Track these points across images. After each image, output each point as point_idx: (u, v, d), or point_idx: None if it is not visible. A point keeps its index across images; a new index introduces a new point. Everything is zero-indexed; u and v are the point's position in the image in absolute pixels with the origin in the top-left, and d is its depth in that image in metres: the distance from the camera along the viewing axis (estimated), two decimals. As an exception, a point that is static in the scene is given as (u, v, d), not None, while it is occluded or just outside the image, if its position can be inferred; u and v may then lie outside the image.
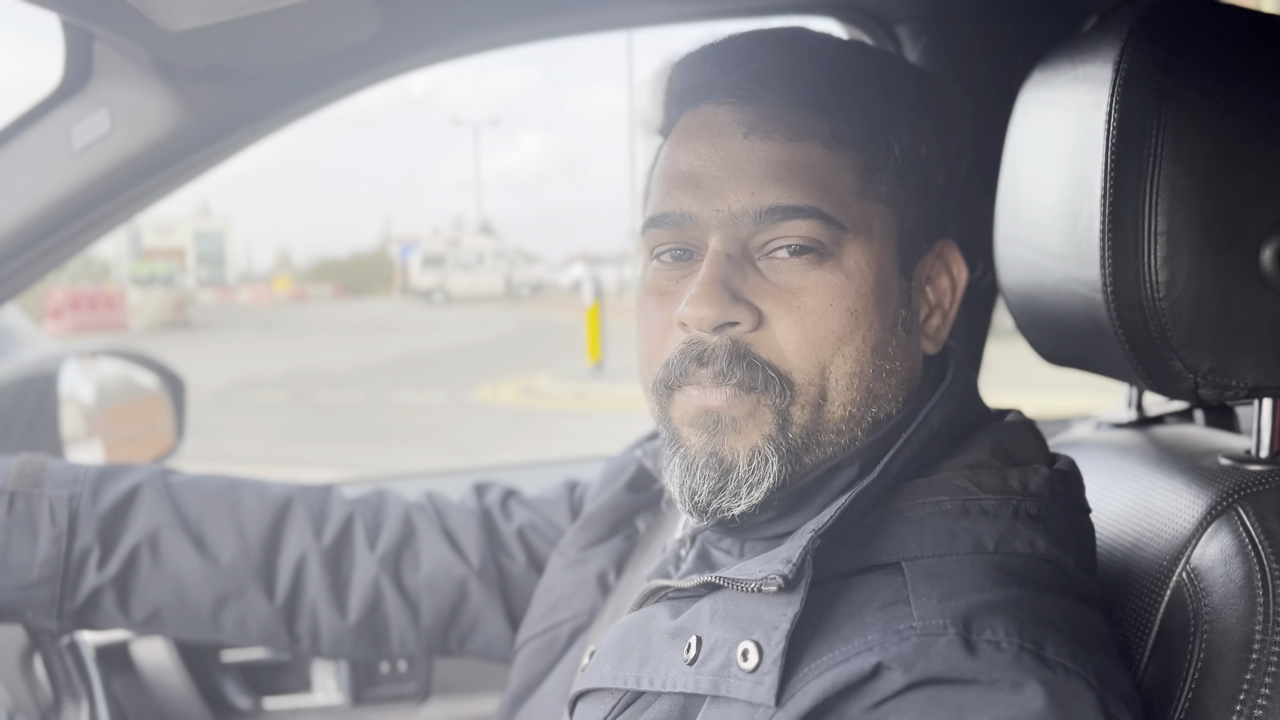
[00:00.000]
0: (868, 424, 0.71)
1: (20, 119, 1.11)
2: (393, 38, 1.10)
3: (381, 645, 1.06)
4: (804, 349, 0.69)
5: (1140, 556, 0.76)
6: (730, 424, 0.70)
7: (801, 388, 0.69)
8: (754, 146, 0.70)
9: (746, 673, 0.62)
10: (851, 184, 0.70)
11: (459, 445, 9.21)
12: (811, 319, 0.69)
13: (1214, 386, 0.72)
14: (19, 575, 0.96)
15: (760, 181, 0.69)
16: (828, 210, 0.69)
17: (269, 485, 1.06)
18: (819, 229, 0.69)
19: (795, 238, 0.69)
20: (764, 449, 0.69)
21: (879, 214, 0.71)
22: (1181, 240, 0.69)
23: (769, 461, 0.69)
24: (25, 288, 1.18)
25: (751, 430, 0.69)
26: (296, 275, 45.82)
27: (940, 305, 0.76)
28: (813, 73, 0.70)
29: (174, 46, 1.00)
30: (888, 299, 0.71)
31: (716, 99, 0.73)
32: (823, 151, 0.70)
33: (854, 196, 0.70)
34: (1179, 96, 0.69)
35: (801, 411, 0.69)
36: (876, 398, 0.71)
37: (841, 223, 0.69)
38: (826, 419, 0.70)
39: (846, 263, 0.69)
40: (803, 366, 0.69)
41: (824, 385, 0.69)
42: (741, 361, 0.69)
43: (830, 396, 0.69)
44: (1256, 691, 0.64)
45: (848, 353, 0.69)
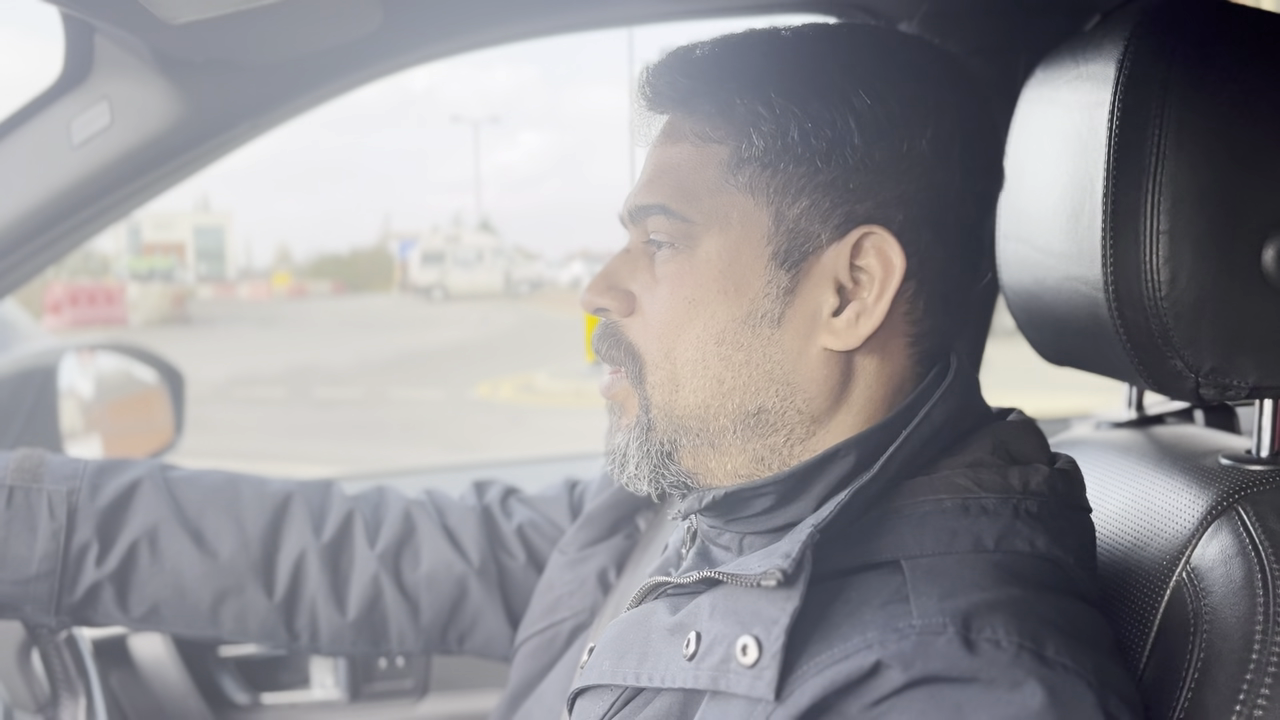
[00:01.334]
0: (734, 413, 0.71)
1: (20, 112, 1.10)
2: (394, 32, 1.10)
3: (381, 642, 1.06)
4: (652, 333, 0.74)
5: (1140, 556, 0.76)
6: (614, 406, 0.77)
7: (651, 367, 0.74)
8: (653, 152, 0.76)
9: (746, 668, 0.61)
10: (710, 179, 0.72)
11: (457, 442, 9.21)
12: (657, 306, 0.74)
13: (1215, 386, 0.72)
14: (17, 570, 0.96)
15: (641, 184, 0.76)
16: (673, 207, 0.72)
17: (268, 481, 1.06)
18: (666, 224, 0.73)
19: (655, 232, 0.74)
20: (631, 428, 0.75)
21: (739, 205, 0.71)
22: (1183, 239, 0.69)
23: (630, 440, 0.75)
24: (25, 281, 1.18)
25: (629, 411, 0.76)
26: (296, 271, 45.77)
27: (861, 298, 0.70)
28: (690, 78, 0.73)
29: (175, 40, 0.99)
30: (740, 290, 0.71)
31: (652, 106, 0.78)
32: (691, 151, 0.73)
33: (709, 191, 0.72)
34: (1182, 95, 0.69)
35: (656, 391, 0.74)
36: (733, 388, 0.71)
37: (687, 217, 0.72)
38: (682, 403, 0.73)
39: (698, 253, 0.72)
40: (650, 349, 0.74)
41: (673, 369, 0.73)
42: (607, 339, 0.76)
43: (681, 381, 0.73)
44: (1256, 691, 0.63)
45: (688, 339, 0.72)
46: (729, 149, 0.71)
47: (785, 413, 0.71)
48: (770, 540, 0.71)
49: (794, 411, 0.71)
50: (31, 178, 1.10)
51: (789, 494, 0.71)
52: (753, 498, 0.71)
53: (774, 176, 0.70)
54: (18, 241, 1.12)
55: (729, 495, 0.71)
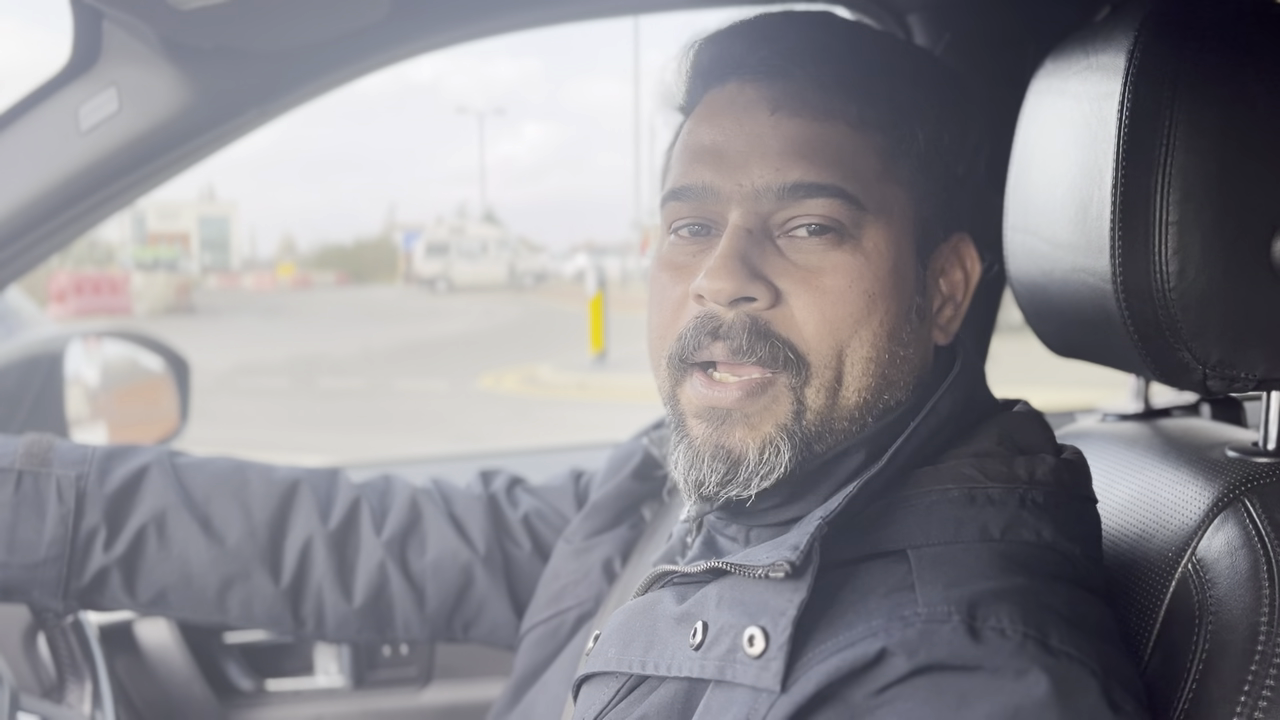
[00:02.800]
0: (878, 410, 0.71)
1: (28, 97, 1.11)
2: (401, 21, 1.10)
3: (386, 630, 1.06)
4: (821, 329, 0.68)
5: (1146, 548, 0.76)
6: (743, 418, 0.69)
7: (818, 369, 0.68)
8: (780, 123, 0.69)
9: (753, 658, 0.62)
10: (874, 166, 0.70)
11: (461, 433, 9.22)
12: (830, 299, 0.68)
13: (1222, 378, 0.72)
14: (26, 554, 0.96)
15: (785, 158, 0.69)
16: (850, 190, 0.68)
17: (276, 468, 1.06)
18: (840, 208, 0.68)
19: (816, 216, 0.68)
20: (777, 439, 0.68)
21: (899, 198, 0.71)
22: (1192, 231, 0.69)
23: (780, 452, 0.68)
24: (31, 268, 1.18)
25: (766, 422, 0.69)
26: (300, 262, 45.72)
27: (953, 297, 0.76)
28: (842, 53, 0.70)
29: (183, 26, 0.99)
30: (904, 284, 0.71)
31: (743, 76, 0.72)
32: (848, 132, 0.69)
33: (876, 178, 0.70)
34: (1192, 87, 0.69)
35: (817, 395, 0.69)
36: (890, 384, 0.71)
37: (863, 203, 0.69)
38: (841, 404, 0.69)
39: (866, 244, 0.69)
40: (819, 348, 0.68)
41: (840, 368, 0.69)
42: (762, 339, 0.68)
43: (845, 381, 0.69)
44: (1261, 683, 0.63)
45: (864, 336, 0.69)
46: (888, 138, 0.71)
47: (904, 404, 0.73)
48: (777, 532, 0.71)
49: (909, 409, 0.72)
50: (39, 163, 1.10)
51: (799, 491, 0.71)
52: (762, 497, 0.71)
53: (924, 174, 0.72)
54: (24, 228, 1.12)
55: (748, 500, 0.71)
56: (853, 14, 1.23)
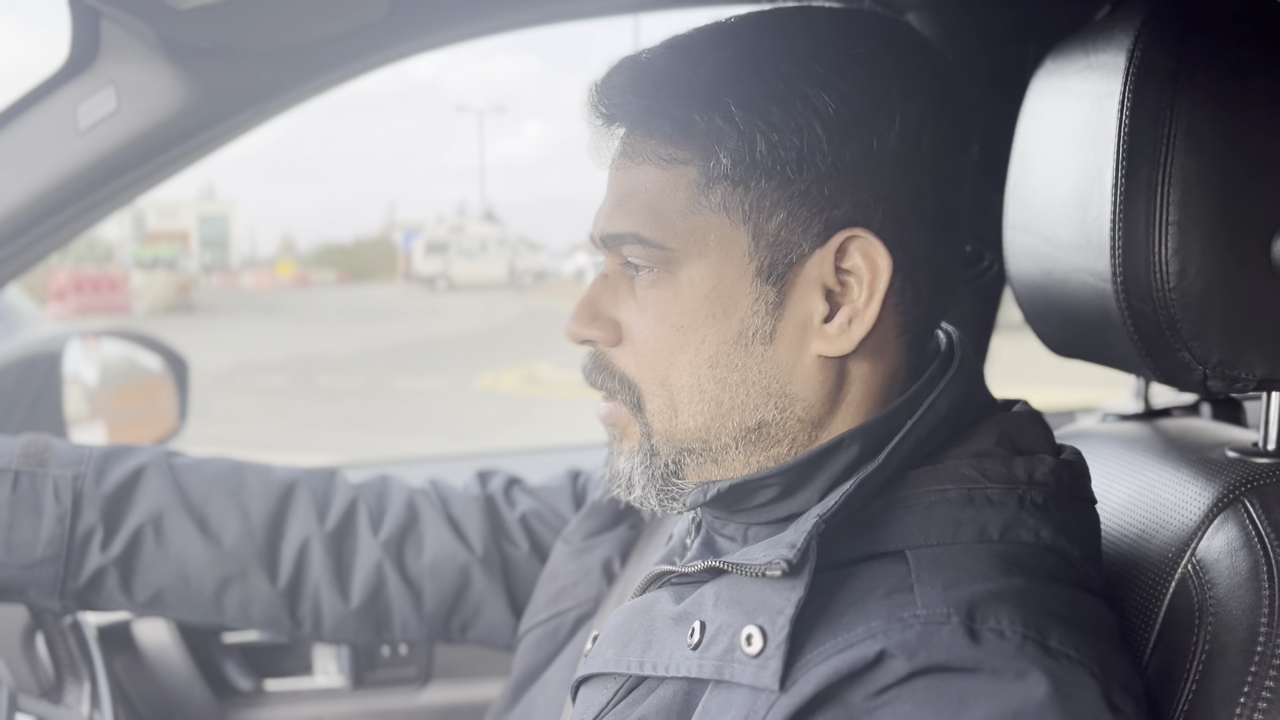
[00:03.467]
0: (735, 432, 0.71)
1: (26, 96, 1.10)
2: (401, 19, 1.10)
3: (384, 631, 1.06)
4: (644, 361, 0.73)
5: (1145, 548, 0.76)
6: (616, 432, 0.77)
7: (649, 396, 0.73)
8: (614, 174, 0.74)
9: (750, 657, 0.62)
10: (681, 201, 0.69)
11: (461, 432, 9.22)
12: (645, 335, 0.72)
13: (1223, 378, 0.72)
14: (23, 554, 0.96)
15: (606, 210, 0.74)
16: (647, 234, 0.70)
17: (273, 469, 1.06)
18: (642, 252, 0.71)
19: (632, 258, 0.72)
20: (634, 453, 0.75)
21: (715, 225, 0.69)
22: (1193, 231, 0.69)
23: (634, 466, 0.75)
24: (30, 266, 1.18)
25: (630, 435, 0.75)
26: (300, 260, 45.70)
27: (851, 302, 0.69)
28: (634, 99, 0.70)
29: (181, 25, 0.99)
30: (728, 311, 0.69)
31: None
32: (657, 173, 0.70)
33: (682, 214, 0.69)
34: (1193, 86, 0.69)
35: (655, 419, 0.73)
36: (731, 408, 0.71)
37: (662, 244, 0.70)
38: (682, 427, 0.72)
39: (680, 278, 0.70)
40: (645, 377, 0.73)
41: (670, 395, 0.72)
42: (602, 373, 0.76)
43: (679, 407, 0.72)
44: (1260, 684, 0.63)
45: (681, 366, 0.71)
46: (696, 169, 0.69)
47: (786, 424, 0.71)
48: (775, 530, 0.71)
49: (794, 421, 0.71)
50: (37, 163, 1.10)
51: (793, 485, 0.71)
52: (757, 489, 0.71)
53: (747, 193, 0.68)
54: (23, 227, 1.12)
55: (734, 487, 0.71)
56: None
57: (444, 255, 32.07)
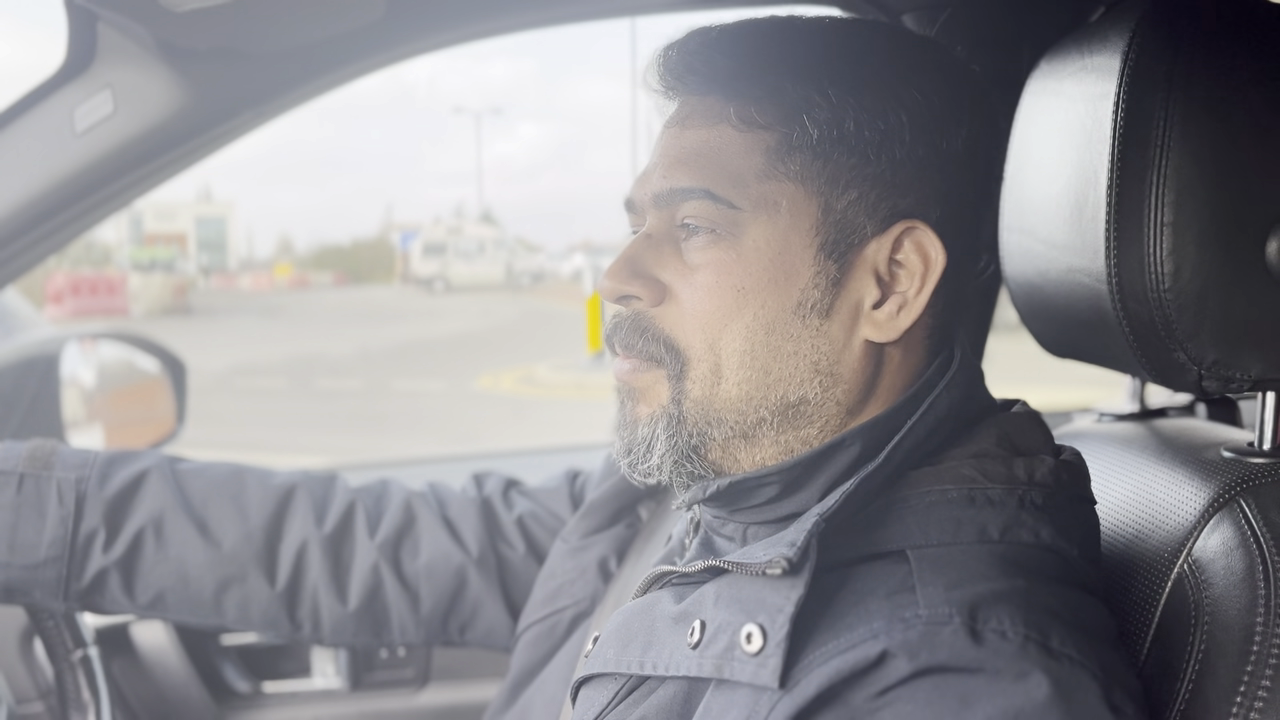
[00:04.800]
0: (774, 405, 0.71)
1: (23, 99, 1.10)
2: (396, 22, 1.10)
3: (382, 633, 1.06)
4: (693, 324, 0.72)
5: (1142, 548, 0.76)
6: (635, 393, 0.75)
7: (693, 362, 0.72)
8: (678, 135, 0.74)
9: (750, 656, 0.62)
10: (757, 165, 0.71)
11: (459, 433, 9.22)
12: (700, 294, 0.72)
13: (1217, 379, 0.72)
14: (27, 555, 0.97)
15: (670, 166, 0.73)
16: (718, 191, 0.71)
17: (274, 473, 1.07)
18: (709, 209, 0.71)
19: (692, 217, 0.72)
20: (657, 418, 0.73)
21: (788, 193, 0.71)
22: (1187, 232, 0.69)
23: (656, 431, 0.73)
24: (27, 269, 1.18)
25: (651, 400, 0.74)
26: (297, 262, 45.68)
27: (901, 291, 0.72)
28: (727, 60, 0.72)
29: (178, 28, 0.99)
30: (790, 279, 0.71)
31: (668, 94, 0.77)
32: (733, 135, 0.71)
33: (757, 177, 0.71)
34: (1187, 88, 0.69)
35: (695, 385, 0.72)
36: (778, 379, 0.71)
37: (733, 202, 0.71)
38: (722, 395, 0.72)
39: (744, 241, 0.71)
40: (693, 341, 0.72)
41: (716, 361, 0.72)
42: (640, 335, 0.73)
43: (724, 373, 0.72)
44: (1257, 683, 0.64)
45: (736, 329, 0.71)
46: (778, 135, 0.70)
47: (825, 404, 0.72)
48: (774, 530, 0.71)
49: (833, 403, 0.72)
50: (34, 166, 1.10)
51: (794, 484, 0.71)
52: (757, 487, 0.71)
53: (825, 166, 0.70)
54: (20, 230, 1.12)
55: (733, 485, 0.71)
56: (848, 14, 1.22)
57: (442, 256, 32.04)
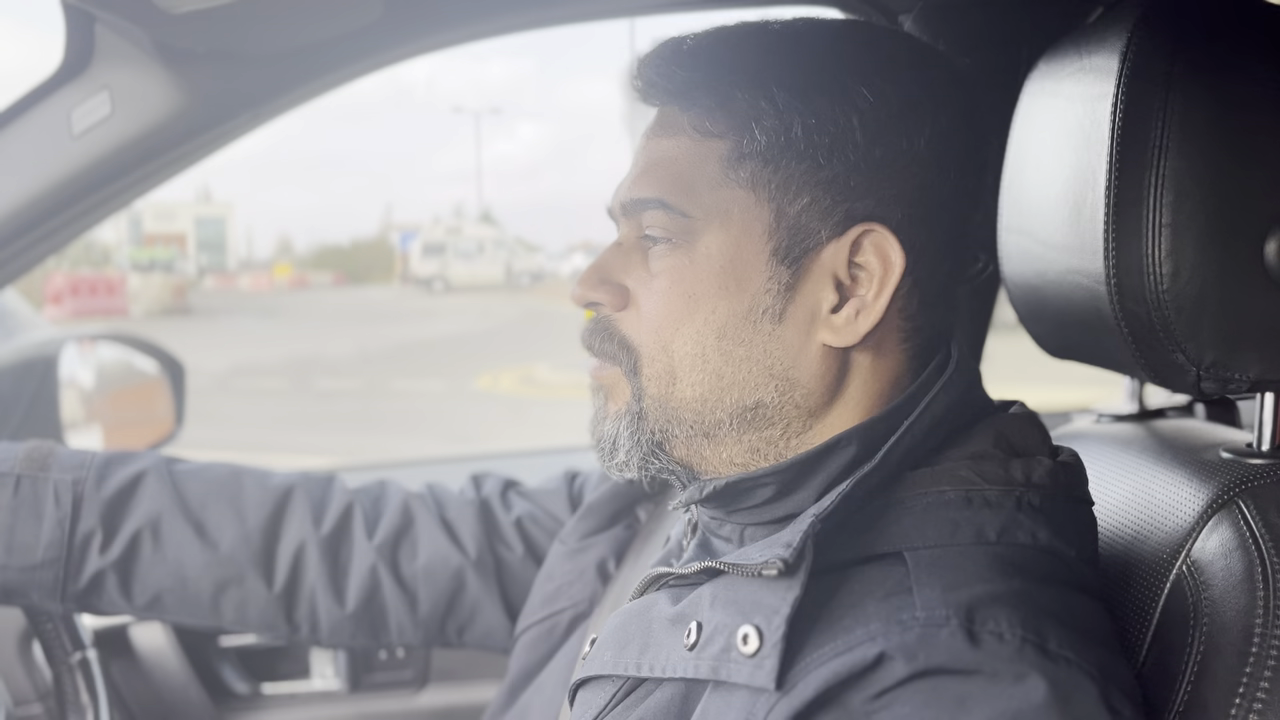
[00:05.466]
0: (732, 408, 0.72)
1: (20, 101, 1.10)
2: (394, 23, 1.10)
3: (381, 634, 1.06)
4: (648, 327, 0.74)
5: (1140, 549, 0.76)
6: (604, 390, 0.78)
7: (647, 361, 0.74)
8: (646, 144, 0.76)
9: (746, 657, 0.62)
10: (711, 174, 0.71)
11: (458, 433, 9.21)
12: (655, 300, 0.73)
13: (1216, 380, 0.72)
14: (23, 556, 0.97)
15: (634, 177, 0.75)
16: (671, 201, 0.72)
17: (272, 475, 1.07)
18: (664, 218, 0.72)
19: (651, 227, 0.74)
20: (621, 415, 0.75)
21: (740, 200, 0.71)
22: (1186, 233, 0.69)
23: (620, 428, 0.75)
24: (25, 271, 1.18)
25: (617, 398, 0.76)
26: (297, 262, 45.62)
27: (860, 295, 0.71)
28: (685, 70, 0.72)
29: (175, 29, 0.99)
30: (741, 285, 0.71)
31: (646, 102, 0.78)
32: (689, 144, 0.72)
33: (710, 185, 0.71)
34: (1185, 89, 0.69)
35: (650, 384, 0.74)
36: (732, 383, 0.72)
37: (686, 212, 0.72)
38: (679, 396, 0.73)
39: (697, 248, 0.72)
40: (647, 343, 0.74)
41: (670, 363, 0.73)
42: (604, 338, 0.76)
43: (678, 375, 0.73)
44: (1256, 685, 0.64)
45: (687, 333, 0.72)
46: (729, 143, 0.71)
47: (783, 407, 0.72)
48: (771, 531, 0.71)
49: (791, 406, 0.72)
50: (32, 167, 1.10)
51: (790, 484, 0.71)
52: (753, 488, 0.71)
53: (776, 173, 0.70)
54: (18, 231, 1.12)
55: (730, 485, 0.71)
56: (846, 15, 1.22)
57: (441, 257, 32.03)
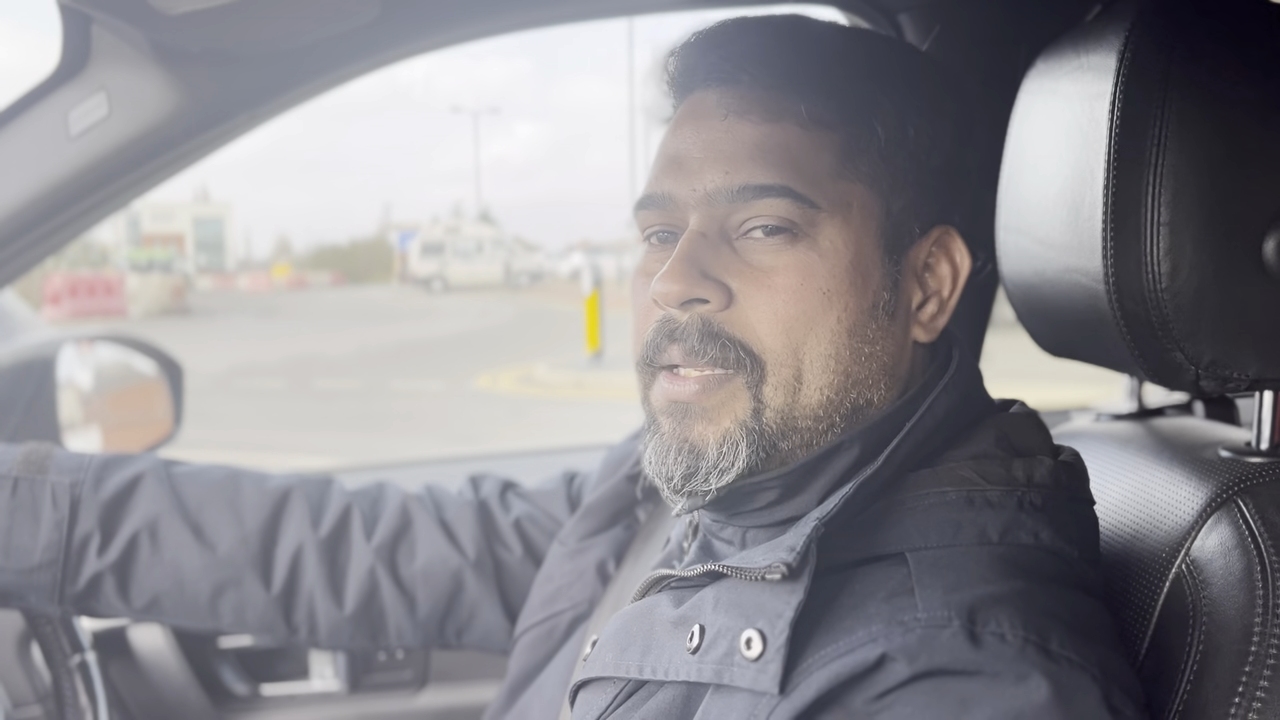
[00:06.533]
0: (847, 410, 0.70)
1: (18, 102, 1.10)
2: (392, 23, 1.10)
3: (379, 636, 1.06)
4: (775, 328, 0.69)
5: (1140, 548, 0.76)
6: (700, 412, 0.70)
7: (774, 367, 0.69)
8: (732, 128, 0.70)
9: (750, 661, 0.61)
10: (828, 164, 0.69)
11: (458, 433, 9.21)
12: (783, 298, 0.69)
13: (1215, 378, 0.72)
14: (21, 559, 0.97)
15: (734, 161, 0.70)
16: (799, 189, 0.68)
17: (270, 477, 1.06)
18: (790, 208, 0.68)
19: (767, 216, 0.69)
20: (735, 434, 0.69)
21: (859, 194, 0.70)
22: (1184, 231, 0.69)
23: (738, 447, 0.69)
24: (23, 272, 1.18)
25: (724, 416, 0.70)
26: (296, 262, 45.66)
27: (938, 293, 0.74)
28: (789, 54, 0.70)
29: (172, 30, 0.99)
30: (866, 281, 0.70)
31: (703, 84, 0.73)
32: (799, 132, 0.69)
33: (830, 176, 0.69)
34: (1183, 87, 0.69)
35: (775, 393, 0.69)
36: (856, 382, 0.70)
37: (814, 201, 0.69)
38: (803, 402, 0.69)
39: (822, 242, 0.69)
40: (774, 346, 0.69)
41: (798, 366, 0.69)
42: (714, 340, 0.69)
43: (805, 379, 0.69)
44: (1255, 683, 0.64)
45: (821, 333, 0.69)
46: (845, 135, 0.70)
47: (882, 405, 0.72)
48: (773, 534, 0.70)
49: (887, 403, 0.72)
50: (29, 168, 1.10)
51: (794, 487, 0.71)
52: (756, 492, 0.71)
53: (888, 168, 0.71)
54: (16, 232, 1.12)
55: (733, 490, 0.71)
56: (845, 15, 1.22)
57: (440, 256, 32.03)
